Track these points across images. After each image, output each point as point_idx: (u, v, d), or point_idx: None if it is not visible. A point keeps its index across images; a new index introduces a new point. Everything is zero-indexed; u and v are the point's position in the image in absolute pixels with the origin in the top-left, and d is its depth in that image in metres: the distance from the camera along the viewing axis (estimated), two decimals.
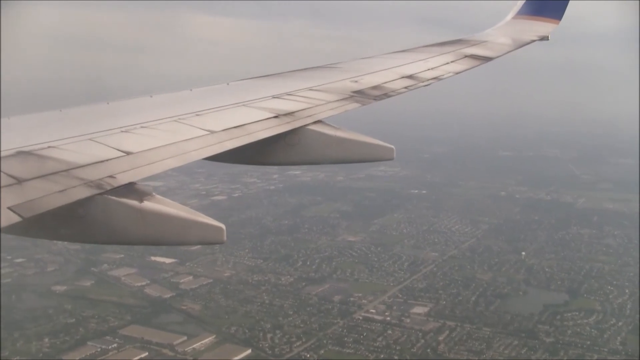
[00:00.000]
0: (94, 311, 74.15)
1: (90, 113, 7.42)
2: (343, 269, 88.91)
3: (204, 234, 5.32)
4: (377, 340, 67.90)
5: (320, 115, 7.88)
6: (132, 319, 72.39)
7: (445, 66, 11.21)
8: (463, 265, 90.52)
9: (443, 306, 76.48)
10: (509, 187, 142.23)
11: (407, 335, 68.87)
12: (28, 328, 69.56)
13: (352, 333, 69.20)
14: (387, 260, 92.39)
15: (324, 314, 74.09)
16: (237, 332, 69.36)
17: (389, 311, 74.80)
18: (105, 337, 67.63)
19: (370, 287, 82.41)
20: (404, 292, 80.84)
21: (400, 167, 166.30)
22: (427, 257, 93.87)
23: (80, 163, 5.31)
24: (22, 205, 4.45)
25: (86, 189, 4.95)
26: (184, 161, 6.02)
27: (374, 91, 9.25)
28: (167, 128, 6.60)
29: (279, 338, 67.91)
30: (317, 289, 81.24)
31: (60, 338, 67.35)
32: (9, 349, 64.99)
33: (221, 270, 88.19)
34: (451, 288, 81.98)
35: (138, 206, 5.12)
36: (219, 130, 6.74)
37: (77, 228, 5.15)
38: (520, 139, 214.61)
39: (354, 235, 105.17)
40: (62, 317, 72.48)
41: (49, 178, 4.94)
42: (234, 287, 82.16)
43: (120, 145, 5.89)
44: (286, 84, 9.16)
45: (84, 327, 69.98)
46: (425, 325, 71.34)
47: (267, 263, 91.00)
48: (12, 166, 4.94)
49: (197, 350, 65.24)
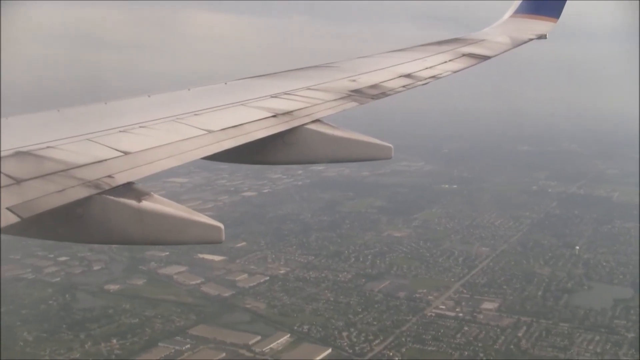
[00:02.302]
0: (155, 311, 71.48)
1: (89, 113, 7.37)
2: (398, 265, 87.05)
3: (203, 234, 5.25)
4: (455, 337, 66.17)
5: (319, 115, 7.84)
6: (198, 318, 69.84)
7: (443, 65, 11.19)
8: (518, 260, 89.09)
9: (511, 301, 74.96)
10: (538, 182, 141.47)
11: (484, 331, 67.22)
12: (92, 329, 66.79)
13: (428, 330, 67.40)
14: (440, 256, 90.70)
15: (394, 310, 72.16)
16: (310, 330, 67.19)
17: (458, 307, 73.11)
18: (175, 337, 65.10)
19: (431, 283, 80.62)
20: (467, 287, 79.19)
21: (423, 162, 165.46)
22: (479, 253, 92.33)
23: (79, 163, 5.27)
24: (21, 206, 4.41)
25: (84, 189, 4.92)
26: (182, 161, 5.94)
27: (371, 90, 9.20)
28: (165, 128, 6.56)
29: (355, 336, 65.87)
30: (378, 286, 79.30)
31: (129, 339, 64.67)
32: (78, 350, 62.25)
33: (274, 267, 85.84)
34: (514, 283, 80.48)
35: (136, 206, 5.07)
36: (217, 129, 6.72)
37: (76, 228, 5.09)
38: (534, 135, 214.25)
39: (398, 230, 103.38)
40: (124, 317, 69.80)
41: (48, 178, 4.92)
42: (293, 284, 79.90)
43: (119, 145, 5.83)
44: (284, 84, 9.10)
45: (150, 328, 67.35)
46: (500, 321, 69.76)
47: (319, 259, 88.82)
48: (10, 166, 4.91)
49: (275, 350, 62.95)
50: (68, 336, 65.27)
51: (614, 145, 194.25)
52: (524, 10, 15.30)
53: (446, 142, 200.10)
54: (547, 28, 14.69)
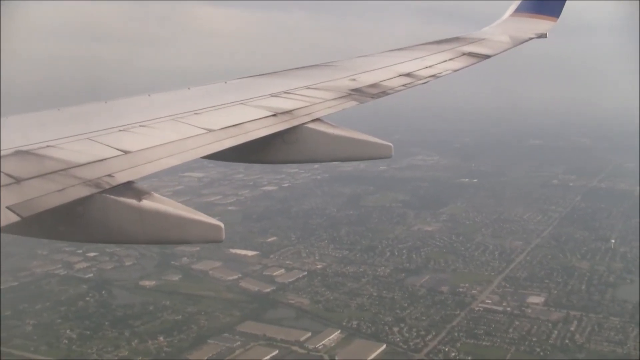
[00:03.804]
0: (197, 307, 69.81)
1: (89, 112, 7.37)
2: (435, 259, 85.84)
3: (203, 233, 5.17)
4: (508, 332, 65.02)
5: (319, 114, 7.82)
6: (242, 314, 68.23)
7: (443, 64, 11.25)
8: (554, 254, 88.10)
9: (557, 296, 73.95)
10: (557, 176, 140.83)
11: (536, 326, 66.12)
12: (135, 326, 65.02)
13: (479, 325, 66.21)
14: (474, 250, 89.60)
15: (440, 305, 70.93)
16: (360, 326, 65.78)
17: (505, 301, 71.95)
18: (223, 334, 63.47)
19: (471, 277, 79.44)
20: (509, 281, 78.05)
21: (438, 157, 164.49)
22: (513, 247, 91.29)
23: (79, 162, 5.25)
24: (21, 205, 4.38)
25: (85, 188, 4.88)
26: (182, 160, 5.91)
27: (371, 89, 9.20)
28: (165, 127, 6.55)
29: (406, 332, 64.55)
30: (419, 280, 78.02)
31: (175, 336, 62.98)
32: (126, 348, 60.45)
33: (310, 262, 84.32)
34: (555, 277, 79.49)
35: (136, 205, 5.02)
36: (217, 128, 6.72)
37: (76, 227, 5.07)
38: (542, 130, 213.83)
39: (428, 224, 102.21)
40: (166, 314, 68.08)
41: (48, 177, 4.89)
42: (333, 279, 78.45)
43: (119, 144, 5.81)
44: (284, 83, 9.09)
45: (195, 325, 65.68)
46: (549, 315, 68.70)
47: (354, 254, 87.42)
48: (10, 165, 4.90)
49: (328, 346, 61.48)
50: (112, 333, 63.45)
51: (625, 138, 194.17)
52: (524, 9, 15.48)
53: (455, 137, 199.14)
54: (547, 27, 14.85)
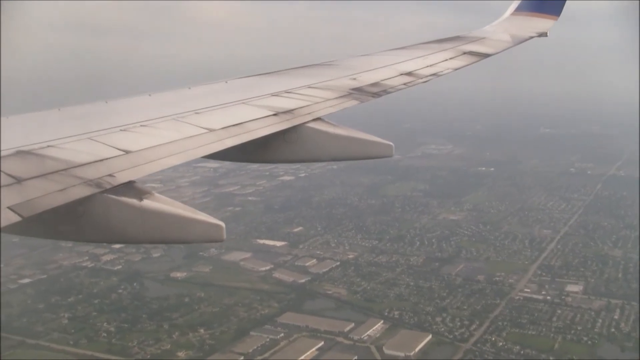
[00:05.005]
0: (234, 299, 68.59)
1: (90, 112, 7.33)
2: (466, 248, 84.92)
3: (204, 232, 5.13)
4: (552, 320, 64.23)
5: (319, 113, 7.83)
6: (281, 306, 67.07)
7: (444, 63, 11.35)
8: (585, 242, 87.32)
9: (595, 284, 73.17)
10: (574, 164, 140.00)
11: (579, 314, 65.39)
12: (174, 318, 63.81)
13: (522, 314, 65.39)
14: (504, 239, 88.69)
15: (479, 294, 70.03)
16: (402, 316, 64.78)
17: (543, 290, 71.15)
18: (264, 326, 62.32)
19: (505, 266, 78.53)
20: (544, 270, 77.25)
21: (452, 145, 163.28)
22: (542, 235, 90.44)
23: (80, 162, 5.21)
24: (22, 205, 4.37)
25: (86, 188, 4.85)
26: (183, 159, 5.88)
27: (372, 88, 9.23)
28: (166, 126, 6.53)
29: (450, 321, 63.61)
30: (454, 269, 77.11)
31: (216, 328, 61.76)
32: (167, 341, 59.19)
33: (341, 252, 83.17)
34: (590, 265, 78.67)
35: (137, 205, 4.98)
36: (218, 128, 6.70)
37: (77, 227, 5.02)
38: (552, 118, 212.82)
39: (452, 214, 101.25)
40: (203, 306, 66.82)
41: (49, 177, 4.86)
42: (366, 269, 77.38)
43: (120, 144, 5.78)
44: (285, 82, 9.09)
45: (235, 316, 64.48)
46: (590, 304, 67.94)
47: (384, 244, 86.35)
48: (11, 166, 4.88)
49: (373, 337, 60.41)
50: (151, 326, 62.21)
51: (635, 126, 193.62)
52: (524, 8, 15.53)
53: (466, 126, 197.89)
54: (547, 26, 14.91)
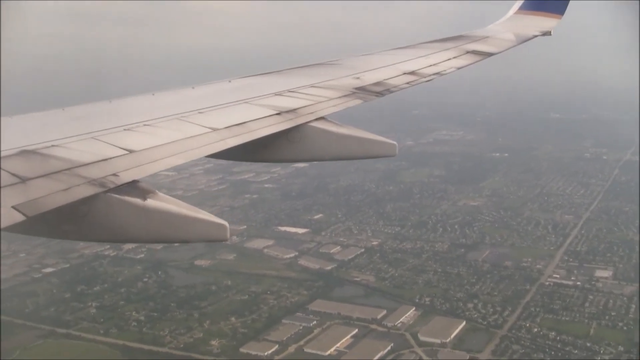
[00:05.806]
0: (261, 287, 67.89)
1: (93, 112, 7.31)
2: (490, 234, 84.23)
3: (207, 231, 5.11)
4: (584, 306, 63.69)
5: (323, 112, 7.80)
6: (311, 293, 66.38)
7: (446, 62, 11.32)
8: (609, 228, 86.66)
9: (624, 269, 72.55)
10: (588, 149, 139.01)
11: (611, 300, 64.84)
12: (203, 307, 63.11)
13: (554, 300, 64.79)
14: (527, 225, 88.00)
15: (509, 280, 69.38)
16: (433, 302, 64.15)
17: (573, 276, 70.57)
18: (296, 314, 61.67)
19: (531, 252, 77.85)
20: (571, 255, 76.62)
21: (463, 131, 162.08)
22: (565, 221, 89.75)
23: (84, 161, 5.23)
24: (26, 204, 4.38)
25: (89, 188, 4.87)
26: (186, 159, 5.89)
27: (375, 87, 9.23)
28: (169, 126, 6.53)
29: (482, 308, 63.01)
30: (480, 255, 76.43)
31: (247, 317, 61.13)
32: (199, 330, 58.49)
33: (364, 239, 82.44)
34: (617, 251, 77.94)
35: (141, 204, 5.00)
36: (221, 127, 6.69)
37: (81, 226, 5.03)
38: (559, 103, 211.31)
39: (472, 199, 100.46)
40: (231, 294, 66.12)
41: (53, 177, 4.88)
42: (392, 255, 76.66)
43: (123, 143, 5.80)
44: (288, 81, 9.07)
45: (265, 304, 63.76)
46: (622, 289, 67.37)
47: (407, 230, 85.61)
48: (15, 165, 4.91)
49: (407, 324, 59.78)
50: (181, 315, 61.55)
51: None
52: (528, 7, 15.49)
53: (473, 112, 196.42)
54: (551, 24, 14.83)
